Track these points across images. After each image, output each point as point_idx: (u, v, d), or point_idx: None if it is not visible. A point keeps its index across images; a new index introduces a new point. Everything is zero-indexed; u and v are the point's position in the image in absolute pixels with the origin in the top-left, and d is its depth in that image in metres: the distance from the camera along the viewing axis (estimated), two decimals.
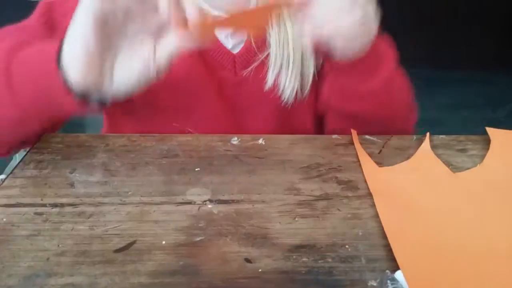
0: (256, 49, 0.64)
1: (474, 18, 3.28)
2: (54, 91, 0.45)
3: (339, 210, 0.43)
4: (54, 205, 0.43)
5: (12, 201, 0.44)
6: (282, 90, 0.63)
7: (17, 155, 0.64)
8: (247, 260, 0.37)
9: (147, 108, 0.64)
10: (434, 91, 2.97)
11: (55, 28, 0.59)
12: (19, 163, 0.50)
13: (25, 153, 0.52)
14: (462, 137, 0.57)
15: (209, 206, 0.43)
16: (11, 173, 0.48)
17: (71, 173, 0.48)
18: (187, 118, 0.64)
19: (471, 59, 3.29)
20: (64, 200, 0.44)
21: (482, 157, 0.52)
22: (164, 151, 0.52)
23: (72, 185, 0.46)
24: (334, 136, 0.57)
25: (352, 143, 0.55)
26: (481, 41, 3.30)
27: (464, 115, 2.67)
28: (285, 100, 0.64)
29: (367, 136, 0.57)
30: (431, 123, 2.92)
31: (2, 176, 0.55)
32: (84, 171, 0.48)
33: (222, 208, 0.43)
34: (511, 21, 3.39)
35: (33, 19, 0.60)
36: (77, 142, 0.54)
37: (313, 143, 0.56)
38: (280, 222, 0.41)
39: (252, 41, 0.64)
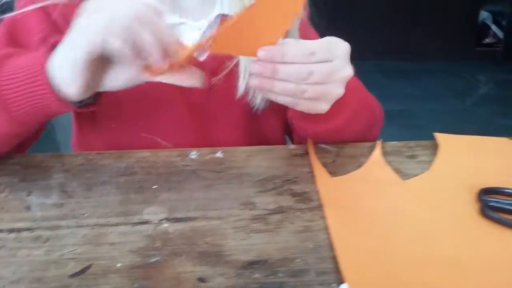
0: (223, 56, 0.65)
1: (440, 11, 3.36)
2: (44, 101, 0.46)
3: (291, 223, 0.45)
4: (11, 231, 0.43)
5: None
6: (252, 97, 0.64)
7: None
8: (201, 280, 0.38)
9: (114, 120, 0.64)
10: (403, 83, 3.04)
11: (20, 47, 0.59)
12: None
13: None
14: (412, 143, 0.59)
15: (165, 225, 0.44)
16: None
17: (27, 195, 0.48)
18: (155, 127, 0.65)
19: (438, 51, 3.37)
20: (20, 225, 0.44)
21: (431, 162, 0.54)
22: (122, 168, 0.53)
23: (28, 208, 0.46)
24: (291, 146, 0.59)
25: (308, 153, 0.57)
26: (447, 33, 3.38)
27: (433, 106, 2.74)
28: (255, 106, 0.65)
29: (322, 145, 0.58)
30: (402, 115, 2.97)
31: None
32: (41, 193, 0.49)
33: (178, 226, 0.44)
34: (475, 14, 3.47)
35: None
36: (34, 162, 0.54)
37: (270, 154, 0.57)
38: (234, 239, 0.43)
39: None
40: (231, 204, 0.47)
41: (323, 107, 0.49)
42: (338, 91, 0.48)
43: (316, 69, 0.45)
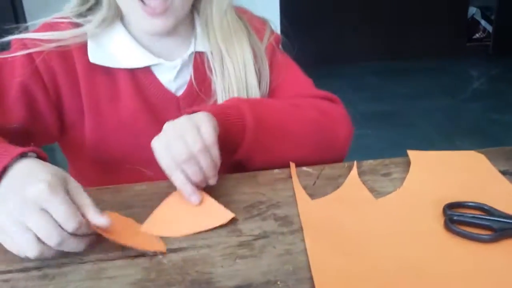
0: (198, 91, 0.71)
1: (429, 9, 3.39)
2: None
3: (274, 247, 0.49)
4: (20, 270, 0.48)
5: None
6: None
7: None
8: None
9: (100, 153, 0.70)
10: (394, 83, 3.08)
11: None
12: None
13: None
14: (387, 161, 0.63)
15: (160, 257, 0.49)
16: None
17: None
18: (139, 159, 0.69)
19: (429, 49, 3.40)
20: (29, 264, 0.49)
21: (403, 180, 0.59)
22: (119, 203, 0.58)
23: None
24: (275, 171, 0.63)
25: (291, 177, 0.61)
26: (437, 30, 3.42)
27: (425, 104, 2.78)
28: None
29: (304, 168, 0.63)
30: (394, 115, 3.02)
31: None
32: None
33: (172, 257, 0.49)
34: (464, 10, 3.51)
35: None
36: None
37: (255, 179, 0.62)
38: (222, 266, 0.47)
39: (194, 83, 0.71)
40: (219, 232, 0.52)
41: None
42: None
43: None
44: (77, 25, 0.68)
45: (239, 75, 0.70)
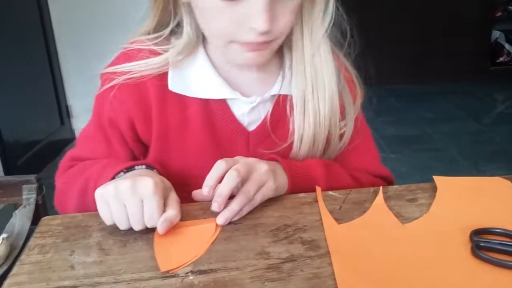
0: (270, 130, 0.70)
1: (452, 33, 3.40)
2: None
3: (302, 271, 0.50)
4: None
5: None
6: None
7: (16, 211, 0.72)
8: None
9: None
10: (418, 107, 3.07)
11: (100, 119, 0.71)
12: (24, 249, 0.57)
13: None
14: (413, 186, 0.64)
15: (191, 277, 0.50)
16: (18, 260, 0.55)
17: (70, 255, 0.55)
18: (196, 187, 0.67)
19: (453, 73, 3.39)
20: (66, 283, 0.51)
21: (430, 205, 0.59)
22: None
23: (72, 267, 0.53)
24: (301, 194, 0.65)
25: (317, 200, 0.63)
26: (460, 54, 3.41)
27: (450, 128, 2.76)
28: None
29: (329, 192, 0.64)
30: (418, 139, 3.01)
31: (4, 235, 0.62)
32: (82, 252, 0.55)
33: (202, 278, 0.50)
34: (487, 33, 3.50)
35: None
36: (74, 222, 0.61)
37: (282, 203, 0.63)
38: None
39: (268, 122, 0.70)
40: (248, 255, 0.53)
41: (270, 184, 0.62)
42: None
43: (240, 169, 0.58)
44: (155, 53, 0.67)
45: (322, 122, 0.67)
